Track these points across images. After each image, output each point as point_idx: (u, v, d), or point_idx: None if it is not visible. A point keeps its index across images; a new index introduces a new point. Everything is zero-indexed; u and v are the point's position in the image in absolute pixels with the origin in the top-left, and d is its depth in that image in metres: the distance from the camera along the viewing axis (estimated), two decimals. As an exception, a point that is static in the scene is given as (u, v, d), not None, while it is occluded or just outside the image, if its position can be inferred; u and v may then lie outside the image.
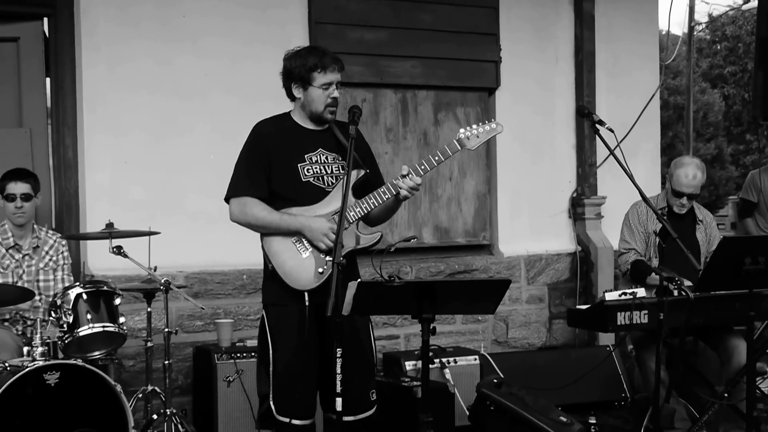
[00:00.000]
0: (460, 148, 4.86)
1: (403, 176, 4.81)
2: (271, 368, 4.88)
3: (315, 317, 4.75)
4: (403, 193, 4.82)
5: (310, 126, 4.96)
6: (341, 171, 4.91)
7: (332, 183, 4.90)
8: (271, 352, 4.88)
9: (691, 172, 6.61)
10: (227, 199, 4.95)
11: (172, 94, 7.16)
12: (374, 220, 5.07)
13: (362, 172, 4.93)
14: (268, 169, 4.88)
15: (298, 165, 4.88)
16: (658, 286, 5.59)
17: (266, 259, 4.90)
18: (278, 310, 4.88)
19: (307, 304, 4.77)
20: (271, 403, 4.87)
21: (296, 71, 4.88)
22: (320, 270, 4.76)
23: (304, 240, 4.82)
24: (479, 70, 8.33)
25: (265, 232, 4.88)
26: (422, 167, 4.83)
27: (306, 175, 4.88)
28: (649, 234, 6.62)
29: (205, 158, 7.11)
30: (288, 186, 4.88)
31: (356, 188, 4.89)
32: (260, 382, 4.99)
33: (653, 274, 6.10)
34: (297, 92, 4.92)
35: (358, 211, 4.83)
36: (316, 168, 4.90)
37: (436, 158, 4.84)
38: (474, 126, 4.90)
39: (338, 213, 4.61)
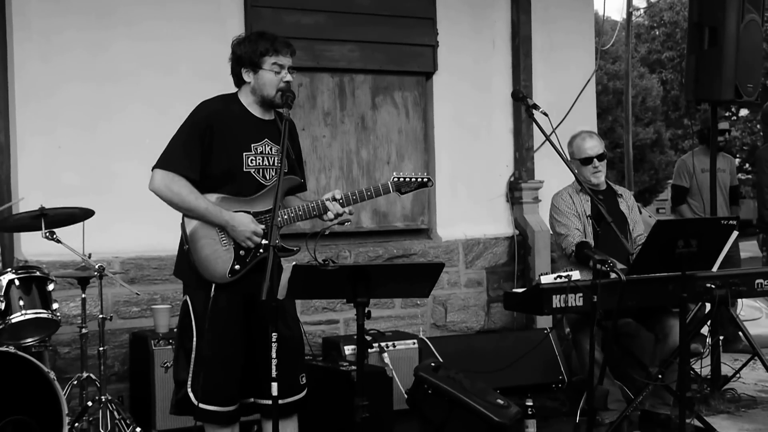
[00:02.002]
0: (392, 191, 4.95)
1: (335, 199, 4.85)
2: (193, 355, 4.84)
3: (242, 302, 4.77)
4: (329, 215, 4.85)
5: (257, 113, 4.92)
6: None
7: (273, 176, 4.88)
8: (195, 338, 4.84)
9: (586, 135, 6.80)
10: (154, 168, 4.89)
11: (105, 78, 7.07)
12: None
13: (297, 180, 4.97)
14: (207, 151, 4.82)
15: (244, 154, 4.84)
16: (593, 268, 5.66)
17: (183, 239, 4.86)
18: (203, 294, 4.82)
19: (212, 294, 4.76)
20: (189, 390, 4.85)
21: (246, 56, 4.86)
22: (237, 266, 4.77)
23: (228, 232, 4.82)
24: (417, 54, 8.32)
25: (186, 213, 4.84)
26: (353, 197, 4.90)
27: (249, 165, 4.85)
28: (580, 216, 6.68)
29: (139, 142, 7.00)
30: (227, 173, 4.84)
31: (287, 192, 4.96)
32: (178, 369, 4.95)
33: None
34: (247, 77, 4.89)
35: (286, 219, 4.84)
36: (259, 159, 4.87)
37: (369, 193, 4.92)
38: (409, 174, 4.98)
39: (269, 214, 4.65)
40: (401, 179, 4.95)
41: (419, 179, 4.98)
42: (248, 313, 4.81)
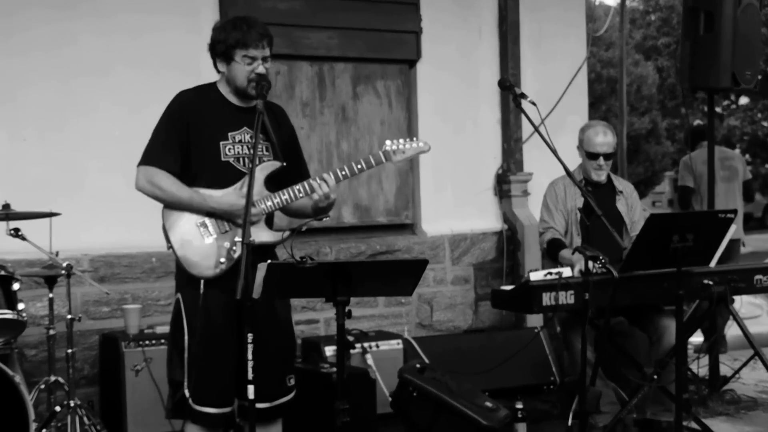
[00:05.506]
0: (384, 160, 4.79)
1: (323, 180, 4.73)
2: (186, 354, 4.74)
3: (233, 301, 4.55)
4: (315, 197, 4.73)
5: (235, 101, 4.82)
6: (265, 152, 4.80)
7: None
8: (186, 337, 4.74)
9: (601, 130, 6.60)
10: (138, 166, 4.78)
11: (73, 70, 6.93)
12: (294, 213, 4.97)
13: (278, 164, 4.81)
14: (186, 143, 4.72)
15: (221, 143, 4.73)
16: (571, 264, 5.76)
17: (166, 238, 4.75)
18: (194, 292, 4.72)
19: (201, 291, 4.67)
20: (186, 391, 4.73)
21: (218, 47, 4.76)
22: (221, 260, 4.66)
23: (209, 225, 4.70)
24: (399, 41, 8.20)
25: (172, 205, 4.72)
26: (342, 173, 4.76)
27: (227, 154, 4.74)
28: (570, 212, 6.58)
29: (109, 135, 6.95)
30: (204, 164, 4.73)
31: (273, 178, 4.79)
32: (172, 369, 4.84)
33: (563, 252, 6.24)
34: (221, 66, 4.80)
35: (270, 205, 4.72)
36: (238, 148, 4.76)
37: (359, 166, 4.76)
38: (401, 141, 4.82)
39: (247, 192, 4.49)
40: (394, 147, 4.79)
41: (415, 145, 4.82)
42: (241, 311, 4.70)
